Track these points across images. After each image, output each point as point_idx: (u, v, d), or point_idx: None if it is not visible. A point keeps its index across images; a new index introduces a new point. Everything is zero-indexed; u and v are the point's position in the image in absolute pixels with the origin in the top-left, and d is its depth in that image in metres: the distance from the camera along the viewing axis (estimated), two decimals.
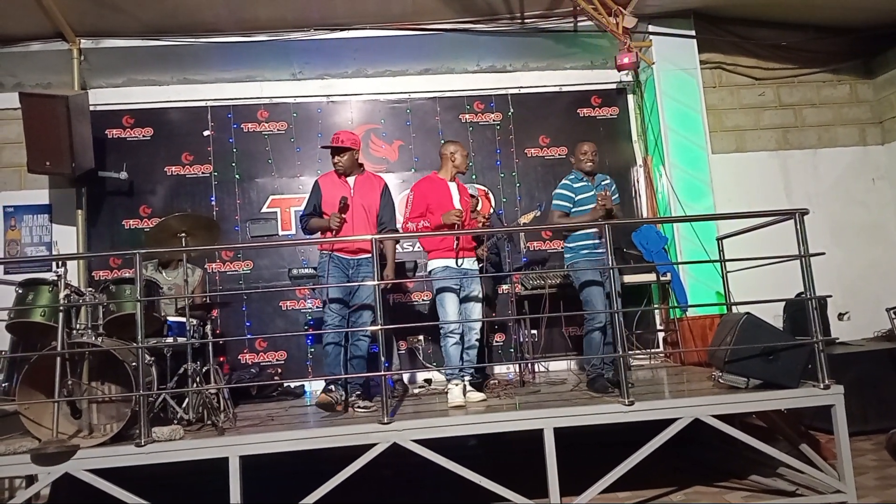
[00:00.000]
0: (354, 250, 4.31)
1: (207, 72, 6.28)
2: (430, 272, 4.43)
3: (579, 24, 6.00)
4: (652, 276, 5.85)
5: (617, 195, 4.62)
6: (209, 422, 3.84)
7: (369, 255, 4.23)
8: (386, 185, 4.52)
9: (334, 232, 4.22)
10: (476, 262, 4.54)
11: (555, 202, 4.54)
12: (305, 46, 6.00)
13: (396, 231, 4.51)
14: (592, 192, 4.47)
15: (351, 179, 4.40)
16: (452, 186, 4.46)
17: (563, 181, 4.59)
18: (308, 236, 4.83)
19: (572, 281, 4.54)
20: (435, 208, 4.33)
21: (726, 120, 6.60)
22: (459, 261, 4.33)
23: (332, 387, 4.19)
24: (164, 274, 5.05)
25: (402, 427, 3.53)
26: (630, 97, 6.74)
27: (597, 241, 4.39)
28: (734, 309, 4.72)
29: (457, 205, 4.37)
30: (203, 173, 6.28)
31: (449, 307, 4.29)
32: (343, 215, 4.22)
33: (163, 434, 3.46)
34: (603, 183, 4.57)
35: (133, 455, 3.37)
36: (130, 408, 3.49)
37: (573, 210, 4.49)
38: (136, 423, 3.42)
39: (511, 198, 6.48)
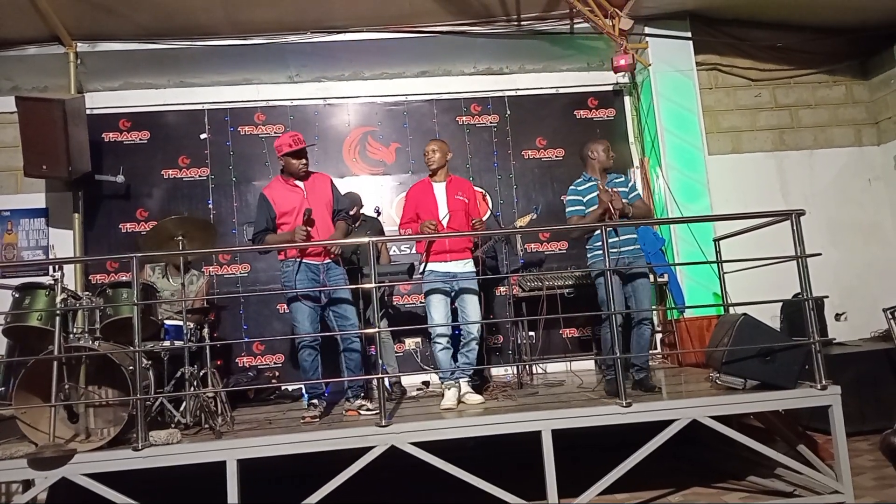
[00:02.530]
0: (321, 254, 4.18)
1: (204, 75, 6.27)
2: (422, 276, 4.42)
3: (575, 26, 6.01)
4: (649, 278, 5.85)
5: (637, 192, 4.48)
6: (206, 425, 3.84)
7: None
8: (331, 178, 4.44)
9: (298, 241, 4.05)
10: (470, 264, 4.39)
11: (567, 210, 4.47)
12: (302, 49, 6.01)
13: (349, 216, 4.53)
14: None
15: (300, 183, 4.25)
16: (439, 188, 4.41)
17: (571, 186, 4.49)
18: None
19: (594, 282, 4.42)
20: (422, 213, 4.36)
21: (723, 121, 6.62)
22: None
23: (315, 401, 4.12)
24: (170, 280, 5.02)
25: (399, 430, 3.53)
26: (626, 99, 6.75)
27: (616, 240, 4.21)
28: (731, 310, 4.73)
29: (442, 206, 4.33)
30: (200, 176, 6.28)
31: (434, 312, 4.26)
32: (308, 228, 4.08)
33: (160, 438, 3.45)
34: (616, 181, 4.39)
35: (130, 459, 3.36)
36: (127, 412, 3.49)
37: (587, 212, 4.33)
38: (134, 427, 3.41)
39: (508, 200, 6.48)
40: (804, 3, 6.02)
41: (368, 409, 4.05)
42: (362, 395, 4.23)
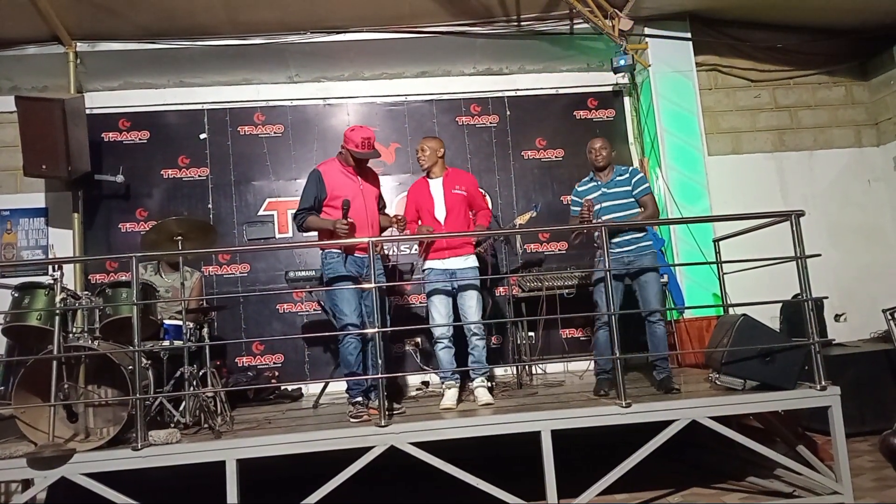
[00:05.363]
0: (367, 249, 4.06)
1: (204, 75, 6.27)
2: (423, 274, 4.40)
3: (575, 26, 6.01)
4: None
5: (645, 185, 4.41)
6: (206, 425, 3.84)
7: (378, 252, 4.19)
8: (377, 175, 4.47)
9: (341, 236, 3.98)
10: (471, 259, 4.34)
11: (571, 209, 4.60)
12: (302, 49, 6.00)
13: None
14: (600, 192, 4.41)
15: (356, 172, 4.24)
16: (436, 184, 4.37)
17: (575, 186, 4.62)
18: (304, 238, 4.75)
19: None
20: (421, 211, 4.38)
21: (722, 122, 6.62)
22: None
23: (360, 398, 3.96)
24: (163, 277, 5.03)
25: (399, 430, 3.53)
26: (626, 99, 6.75)
27: (614, 240, 4.27)
28: (731, 310, 4.73)
29: (439, 203, 4.31)
30: (199, 176, 6.27)
31: (436, 313, 4.25)
32: (349, 220, 3.98)
33: (159, 437, 3.45)
34: (617, 178, 4.41)
35: (129, 459, 3.37)
36: (127, 411, 3.49)
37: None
38: (133, 426, 3.41)
39: (508, 200, 6.47)
40: (804, 4, 6.02)
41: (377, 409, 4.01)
42: (373, 393, 4.09)
